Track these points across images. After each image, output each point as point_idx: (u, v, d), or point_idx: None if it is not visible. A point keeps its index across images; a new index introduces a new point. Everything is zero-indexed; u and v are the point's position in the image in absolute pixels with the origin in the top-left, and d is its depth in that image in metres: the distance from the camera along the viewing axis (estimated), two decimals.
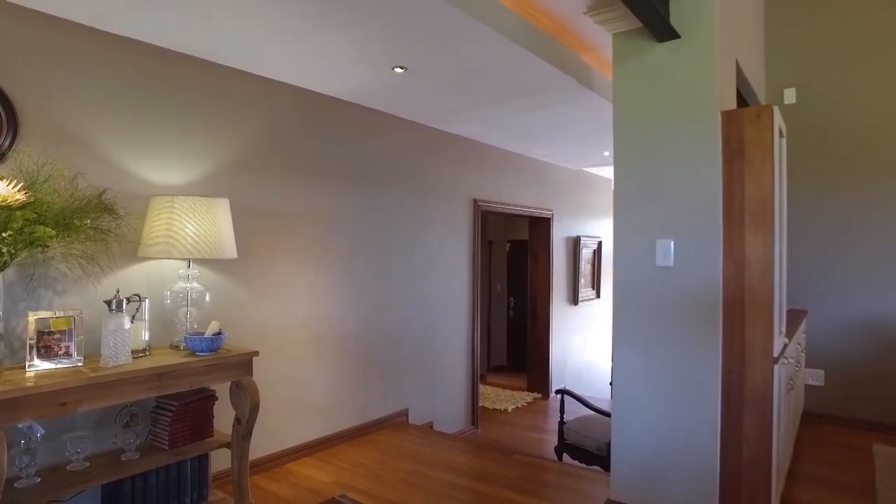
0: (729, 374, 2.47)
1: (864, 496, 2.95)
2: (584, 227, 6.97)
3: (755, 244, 2.41)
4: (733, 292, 2.46)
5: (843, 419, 4.13)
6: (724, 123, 2.47)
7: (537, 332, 6.27)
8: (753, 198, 2.41)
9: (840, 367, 4.18)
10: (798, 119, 4.30)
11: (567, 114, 4.07)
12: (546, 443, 4.81)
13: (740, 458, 2.44)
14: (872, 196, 4.06)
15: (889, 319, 4.01)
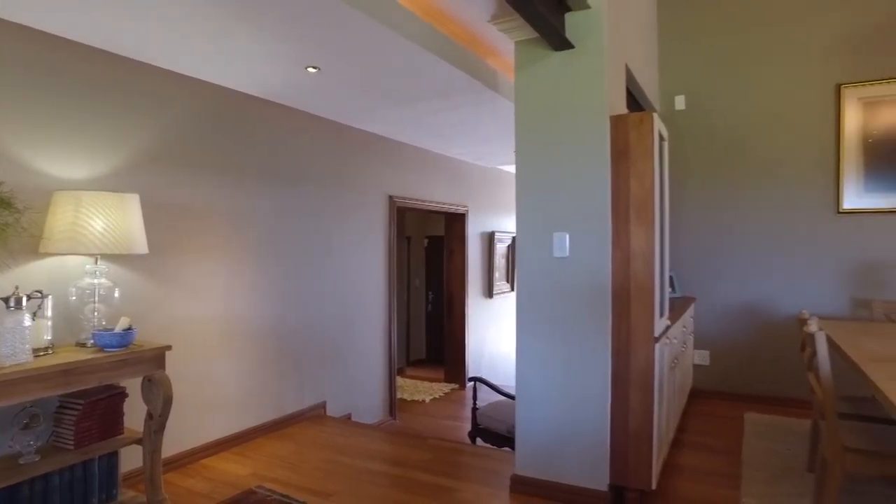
0: (617, 355, 2.75)
1: (733, 456, 3.35)
2: (499, 222, 7.26)
3: (639, 236, 2.70)
4: (621, 280, 2.73)
5: (725, 393, 4.62)
6: (612, 127, 2.74)
7: (454, 325, 6.48)
8: (637, 194, 2.69)
9: (723, 347, 4.66)
10: (687, 123, 4.75)
11: (476, 114, 4.28)
12: (461, 429, 5.02)
13: (627, 428, 2.72)
14: (748, 194, 4.56)
15: (763, 304, 4.52)
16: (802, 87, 4.39)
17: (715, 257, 4.68)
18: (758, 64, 4.53)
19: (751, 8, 4.55)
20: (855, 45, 4.23)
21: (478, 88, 3.60)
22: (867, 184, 4.21)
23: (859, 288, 4.25)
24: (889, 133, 4.14)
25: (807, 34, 4.37)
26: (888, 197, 4.15)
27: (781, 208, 4.47)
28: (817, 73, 4.34)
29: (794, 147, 4.42)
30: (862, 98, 4.20)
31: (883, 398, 1.92)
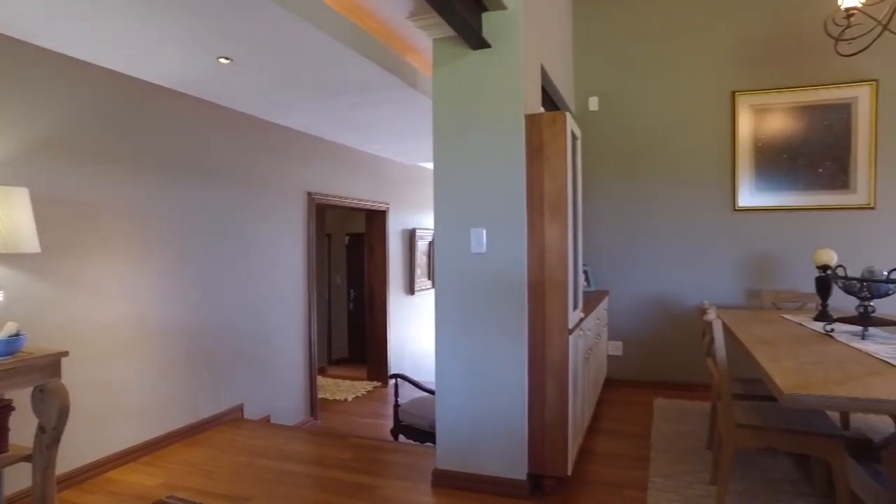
0: (534, 347, 2.83)
1: (643, 440, 3.54)
2: (420, 219, 7.28)
3: (554, 231, 2.79)
4: (536, 274, 2.82)
5: (636, 382, 4.87)
6: (527, 126, 2.82)
7: (375, 322, 6.44)
8: (551, 191, 2.79)
9: (634, 338, 4.91)
10: (600, 124, 4.96)
11: (396, 111, 4.27)
12: (384, 427, 5.00)
13: (544, 418, 2.82)
14: (656, 192, 4.82)
15: (670, 296, 4.80)
16: (703, 94, 4.70)
17: (626, 252, 4.92)
18: (664, 70, 4.80)
19: (657, 19, 4.82)
20: (746, 56, 4.58)
21: (397, 85, 3.59)
22: (758, 184, 4.57)
23: (752, 279, 4.61)
24: (775, 138, 4.51)
25: (705, 45, 4.68)
26: (775, 196, 4.53)
27: (685, 206, 4.77)
28: (715, 81, 4.66)
29: (696, 149, 4.73)
30: (753, 105, 4.56)
31: (766, 376, 2.10)
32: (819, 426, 2.48)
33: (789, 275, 4.52)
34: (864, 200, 4.37)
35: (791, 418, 2.56)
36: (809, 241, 4.46)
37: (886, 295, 2.78)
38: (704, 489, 2.80)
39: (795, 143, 4.48)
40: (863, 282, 2.84)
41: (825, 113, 4.42)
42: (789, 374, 2.06)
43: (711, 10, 4.67)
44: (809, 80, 4.44)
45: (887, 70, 4.29)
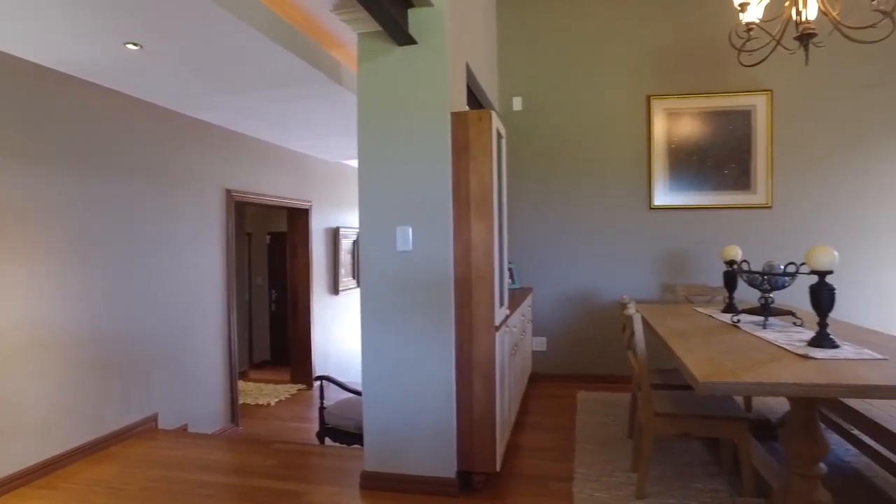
0: (461, 344, 2.84)
1: (568, 432, 3.64)
2: (344, 218, 7.15)
3: (479, 228, 2.81)
4: (462, 271, 2.82)
5: (560, 376, 5.00)
6: (453, 124, 2.81)
7: (299, 323, 6.27)
8: (477, 188, 2.80)
9: (558, 334, 5.04)
10: (524, 123, 5.05)
11: (319, 107, 4.16)
12: (309, 431, 4.86)
13: (472, 414, 2.83)
14: (577, 191, 4.97)
15: (591, 292, 4.96)
16: (621, 97, 4.89)
17: (549, 250, 5.05)
18: (585, 73, 4.96)
19: (578, 23, 4.97)
20: (661, 63, 4.81)
21: (320, 80, 3.50)
22: (671, 184, 4.82)
23: (667, 274, 4.86)
24: (686, 141, 4.77)
25: (624, 51, 4.88)
26: (687, 195, 4.79)
27: (605, 204, 4.95)
28: (632, 84, 4.87)
29: (615, 149, 4.92)
30: (666, 109, 4.80)
31: (682, 366, 2.20)
32: (727, 410, 2.64)
33: (701, 269, 4.80)
34: (763, 200, 4.70)
35: (703, 405, 2.71)
36: (717, 238, 4.75)
37: (784, 287, 3.00)
38: (626, 476, 2.91)
39: (704, 146, 4.76)
40: (764, 275, 3.05)
41: (730, 119, 4.72)
42: (702, 363, 2.17)
43: (629, 18, 4.88)
44: (716, 87, 4.73)
45: (780, 82, 4.64)
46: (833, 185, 4.66)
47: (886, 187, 4.59)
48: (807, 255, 2.39)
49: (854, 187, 4.63)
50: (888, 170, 4.58)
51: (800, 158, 4.68)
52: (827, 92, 4.63)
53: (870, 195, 4.62)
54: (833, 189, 4.66)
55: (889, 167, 4.58)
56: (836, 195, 4.65)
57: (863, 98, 4.60)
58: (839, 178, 4.64)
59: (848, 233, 4.63)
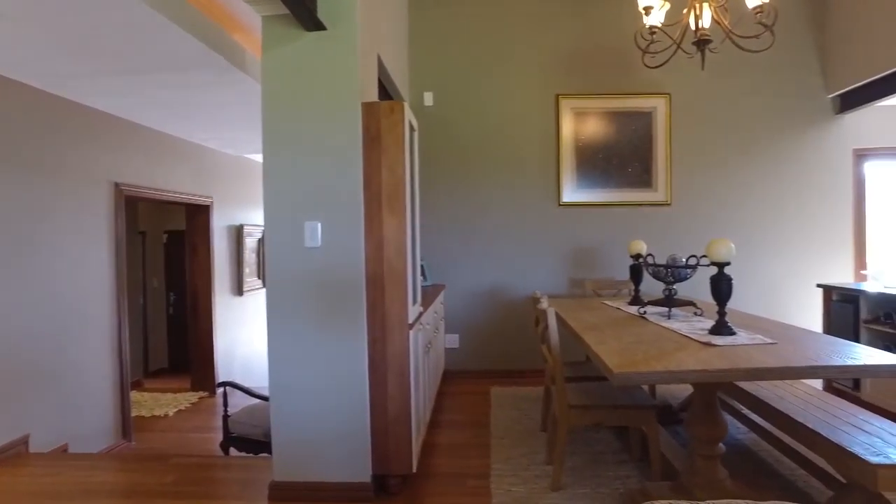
0: (374, 343, 2.73)
1: (483, 428, 3.63)
2: (248, 215, 6.80)
3: (392, 224, 2.71)
4: (374, 268, 2.72)
5: (473, 372, 5.00)
6: (364, 115, 2.70)
7: (200, 327, 5.87)
8: (389, 182, 2.70)
9: (471, 330, 5.04)
10: (435, 119, 5.00)
11: (220, 95, 3.88)
12: (213, 441, 4.55)
13: (387, 416, 2.73)
14: (489, 187, 5.00)
15: (503, 287, 5.01)
16: (531, 95, 4.97)
17: (461, 246, 5.04)
18: (496, 70, 4.99)
19: (490, 20, 4.99)
20: (569, 63, 4.94)
21: (221, 65, 3.25)
22: (579, 181, 4.96)
23: (575, 269, 5.00)
24: (591, 140, 4.93)
25: (534, 49, 4.96)
26: (593, 192, 4.95)
27: (515, 201, 5.01)
28: (541, 83, 4.96)
29: (525, 147, 4.99)
30: (574, 108, 4.93)
31: (597, 358, 2.23)
32: (636, 399, 2.72)
33: (607, 264, 4.98)
34: (663, 198, 4.95)
35: (614, 395, 2.77)
36: (622, 234, 4.95)
37: (686, 279, 3.15)
38: (541, 469, 2.92)
39: (609, 145, 4.93)
40: (667, 268, 3.19)
41: (632, 119, 4.93)
42: (615, 354, 2.21)
43: (540, 17, 4.96)
44: (620, 88, 4.92)
45: (677, 86, 4.91)
46: (725, 185, 4.98)
47: (770, 187, 4.97)
48: (707, 247, 2.50)
49: (743, 187, 4.98)
50: (771, 171, 4.97)
51: (695, 159, 4.97)
52: (717, 98, 4.95)
53: (757, 194, 4.98)
54: (725, 188, 4.99)
55: (764, 169, 4.96)
56: (728, 194, 4.98)
57: (746, 104, 4.95)
58: (730, 178, 4.98)
59: (739, 228, 4.97)
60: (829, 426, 2.39)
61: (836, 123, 4.98)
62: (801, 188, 4.99)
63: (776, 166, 4.98)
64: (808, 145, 4.98)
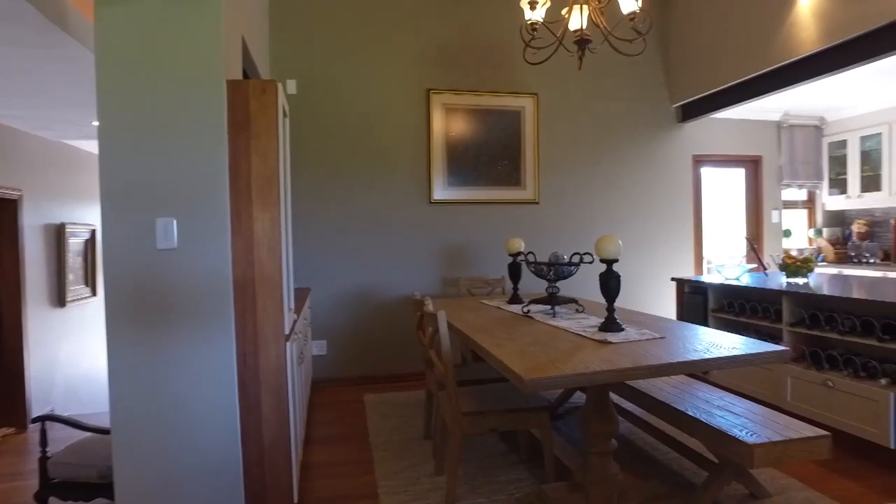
0: (244, 358, 2.36)
1: (362, 441, 3.37)
2: (72, 212, 5.79)
3: (264, 220, 2.36)
4: (243, 271, 2.35)
5: (344, 380, 4.69)
6: (230, 94, 2.31)
7: (5, 348, 4.86)
8: (260, 173, 2.35)
9: (339, 334, 4.72)
10: (299, 109, 4.59)
11: (33, 62, 3.17)
12: (24, 491, 3.74)
13: (261, 440, 2.37)
14: (358, 183, 4.71)
15: (374, 288, 4.75)
16: (402, 89, 4.78)
17: (327, 246, 4.70)
18: (365, 61, 4.72)
19: (358, 7, 4.70)
20: (440, 58, 4.83)
21: (34, 20, 2.62)
22: (450, 178, 4.87)
23: (448, 268, 4.90)
24: (461, 137, 4.87)
25: (405, 42, 4.77)
26: (463, 190, 4.89)
27: (385, 198, 4.78)
28: (412, 76, 4.79)
29: (396, 142, 4.78)
30: (445, 104, 4.83)
31: (499, 364, 2.10)
32: (529, 401, 2.65)
33: (479, 262, 4.95)
34: (531, 196, 5.05)
35: (507, 398, 2.68)
36: (493, 231, 4.96)
37: (568, 276, 3.17)
38: (432, 482, 2.75)
39: (479, 142, 4.91)
40: (550, 266, 3.18)
41: (502, 117, 4.95)
42: (515, 357, 2.10)
43: (410, 10, 4.78)
44: (491, 86, 4.92)
45: (544, 87, 5.04)
46: (588, 184, 5.21)
47: (628, 188, 5.30)
48: (596, 245, 2.50)
49: (604, 187, 5.25)
50: (629, 173, 5.29)
51: (561, 159, 5.13)
52: (580, 100, 5.16)
53: (617, 194, 5.28)
54: (588, 187, 5.22)
55: (622, 170, 5.29)
56: (591, 193, 5.22)
57: (606, 109, 5.23)
58: (593, 178, 5.22)
59: (602, 226, 5.23)
60: (705, 412, 2.50)
61: (678, 131, 5.45)
62: (654, 189, 5.38)
63: (632, 168, 5.32)
64: (658, 150, 5.39)
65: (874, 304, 2.86)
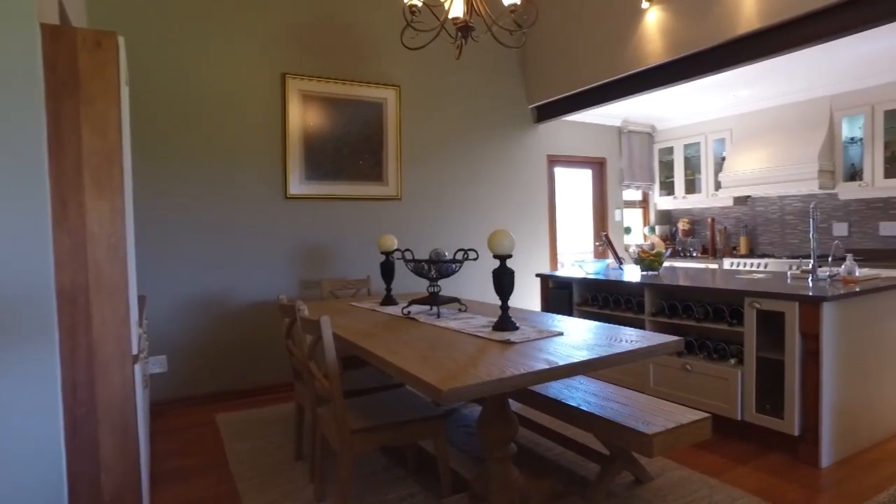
0: (74, 389, 1.84)
1: (222, 469, 2.89)
2: None
3: (101, 211, 1.86)
4: (72, 276, 1.83)
5: (190, 398, 4.07)
6: (48, 43, 1.78)
7: None
8: (96, 150, 1.85)
9: (183, 348, 4.08)
10: None
11: None
12: None
13: (101, 493, 1.87)
14: (201, 175, 4.10)
15: (223, 294, 4.19)
16: (253, 70, 4.27)
17: (163, 248, 4.03)
18: (211, 32, 4.12)
19: None
20: (295, 38, 4.40)
21: None
22: (307, 171, 4.48)
23: (307, 269, 4.50)
24: (321, 128, 4.51)
25: (256, 16, 4.27)
26: (323, 185, 4.53)
27: (235, 193, 4.24)
28: (266, 57, 4.30)
29: (247, 130, 4.27)
30: (302, 91, 4.43)
31: (400, 373, 1.87)
32: (422, 410, 2.44)
33: (341, 262, 4.62)
34: (394, 192, 4.84)
35: (398, 410, 2.45)
36: (356, 229, 4.67)
37: (452, 274, 3.02)
38: None
39: (340, 134, 4.59)
40: (433, 263, 3.01)
41: (364, 109, 4.68)
42: (418, 365, 1.88)
43: None
44: (353, 75, 4.62)
45: (406, 79, 4.86)
46: (451, 181, 5.14)
47: (490, 185, 5.33)
48: (489, 240, 2.37)
49: (467, 184, 5.21)
50: (490, 170, 5.33)
51: (423, 154, 5.00)
52: (443, 95, 5.07)
53: (478, 191, 5.28)
54: (451, 184, 5.15)
55: (484, 167, 5.32)
56: (454, 190, 5.15)
57: (468, 105, 5.21)
58: (455, 174, 5.16)
59: (465, 223, 5.20)
60: (597, 406, 2.50)
61: (535, 131, 5.62)
62: (512, 187, 5.48)
63: (492, 166, 5.36)
64: (515, 149, 5.51)
65: (725, 292, 3.12)
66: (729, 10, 3.61)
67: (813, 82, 4.95)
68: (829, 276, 3.24)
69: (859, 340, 2.91)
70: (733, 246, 6.07)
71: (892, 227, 4.94)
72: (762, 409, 2.97)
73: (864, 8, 3.09)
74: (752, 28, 3.49)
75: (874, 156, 4.75)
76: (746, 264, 5.42)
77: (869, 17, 3.08)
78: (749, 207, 5.99)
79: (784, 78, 4.81)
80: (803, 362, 2.78)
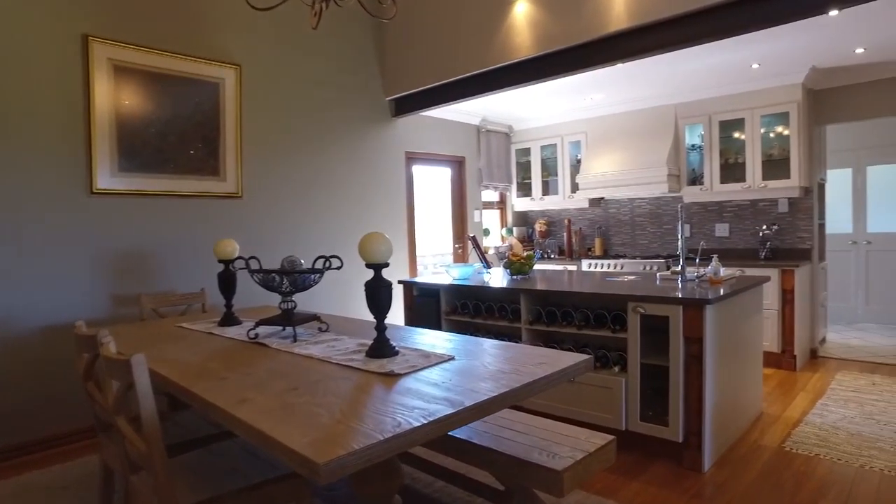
0: None
1: None
2: None
3: None
4: None
5: None
6: None
7: None
8: None
9: None
10: None
11: None
12: None
13: None
14: None
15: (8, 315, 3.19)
16: (41, 28, 3.31)
17: None
18: None
19: None
20: None
21: None
22: (121, 161, 3.62)
23: (122, 282, 3.63)
24: (142, 107, 3.67)
25: None
26: (142, 178, 3.70)
27: (17, 188, 3.26)
28: (60, 12, 3.36)
29: (34, 107, 3.30)
30: (114, 60, 3.55)
31: (255, 436, 1.34)
32: (281, 466, 1.90)
33: (168, 273, 3.81)
34: (233, 189, 4.13)
35: (239, 466, 1.88)
36: (186, 233, 3.89)
37: (311, 286, 2.49)
38: None
39: (166, 118, 3.78)
40: (285, 274, 2.45)
41: (196, 89, 3.91)
42: (277, 422, 1.37)
43: None
44: (185, 47, 3.83)
45: (249, 58, 4.18)
46: (299, 177, 4.54)
47: (343, 182, 4.80)
48: (360, 245, 1.93)
49: (317, 180, 4.65)
50: (344, 166, 4.80)
51: (268, 146, 4.34)
52: (290, 81, 4.46)
53: (331, 188, 4.73)
54: (299, 180, 4.54)
55: (336, 162, 4.80)
56: (302, 187, 4.56)
57: (319, 93, 4.65)
58: (304, 169, 4.57)
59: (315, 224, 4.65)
60: (489, 436, 2.15)
61: (392, 126, 5.21)
62: (368, 185, 5.02)
63: (346, 162, 4.85)
64: (372, 144, 5.05)
65: (606, 297, 2.97)
66: (600, 8, 3.51)
67: (661, 90, 5.16)
68: (696, 276, 3.25)
69: (729, 339, 2.92)
70: (588, 247, 6.20)
71: (724, 228, 5.33)
72: (646, 416, 2.85)
73: (726, 17, 3.13)
74: (622, 27, 3.42)
75: (712, 162, 5.06)
76: (603, 265, 5.52)
77: (720, 29, 3.13)
78: (602, 209, 6.16)
79: (635, 84, 4.95)
80: (687, 366, 2.69)
